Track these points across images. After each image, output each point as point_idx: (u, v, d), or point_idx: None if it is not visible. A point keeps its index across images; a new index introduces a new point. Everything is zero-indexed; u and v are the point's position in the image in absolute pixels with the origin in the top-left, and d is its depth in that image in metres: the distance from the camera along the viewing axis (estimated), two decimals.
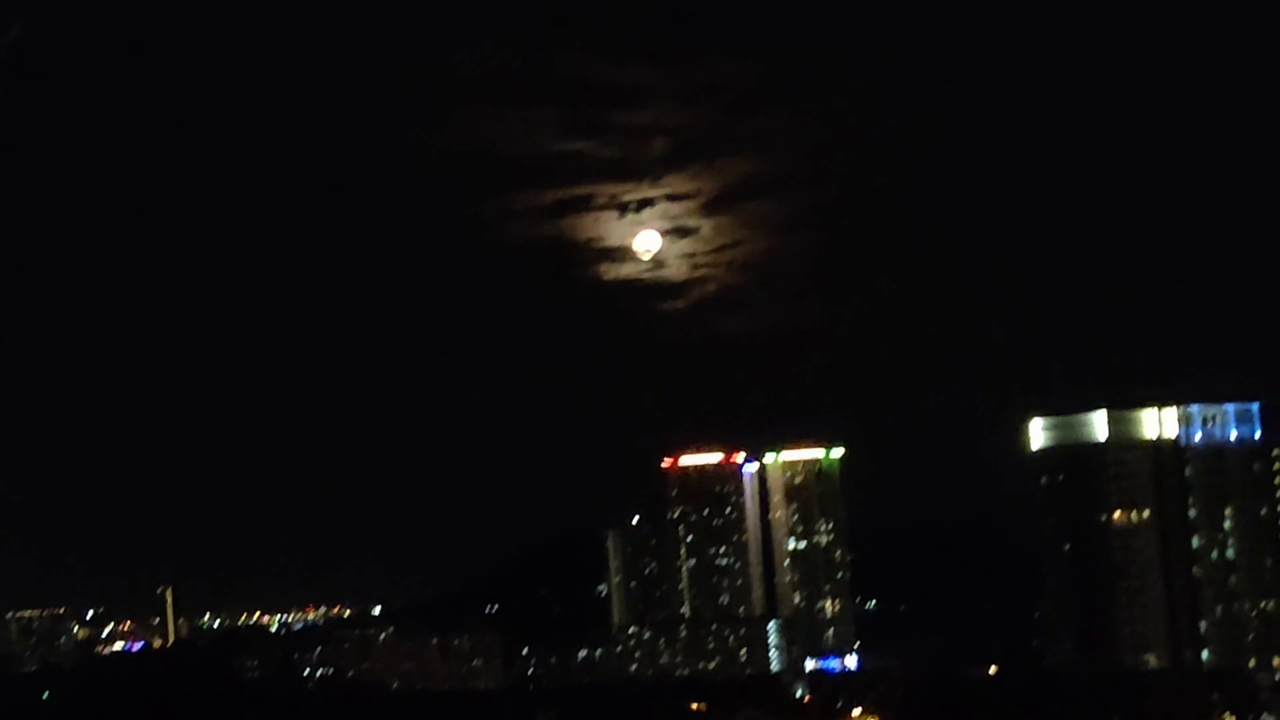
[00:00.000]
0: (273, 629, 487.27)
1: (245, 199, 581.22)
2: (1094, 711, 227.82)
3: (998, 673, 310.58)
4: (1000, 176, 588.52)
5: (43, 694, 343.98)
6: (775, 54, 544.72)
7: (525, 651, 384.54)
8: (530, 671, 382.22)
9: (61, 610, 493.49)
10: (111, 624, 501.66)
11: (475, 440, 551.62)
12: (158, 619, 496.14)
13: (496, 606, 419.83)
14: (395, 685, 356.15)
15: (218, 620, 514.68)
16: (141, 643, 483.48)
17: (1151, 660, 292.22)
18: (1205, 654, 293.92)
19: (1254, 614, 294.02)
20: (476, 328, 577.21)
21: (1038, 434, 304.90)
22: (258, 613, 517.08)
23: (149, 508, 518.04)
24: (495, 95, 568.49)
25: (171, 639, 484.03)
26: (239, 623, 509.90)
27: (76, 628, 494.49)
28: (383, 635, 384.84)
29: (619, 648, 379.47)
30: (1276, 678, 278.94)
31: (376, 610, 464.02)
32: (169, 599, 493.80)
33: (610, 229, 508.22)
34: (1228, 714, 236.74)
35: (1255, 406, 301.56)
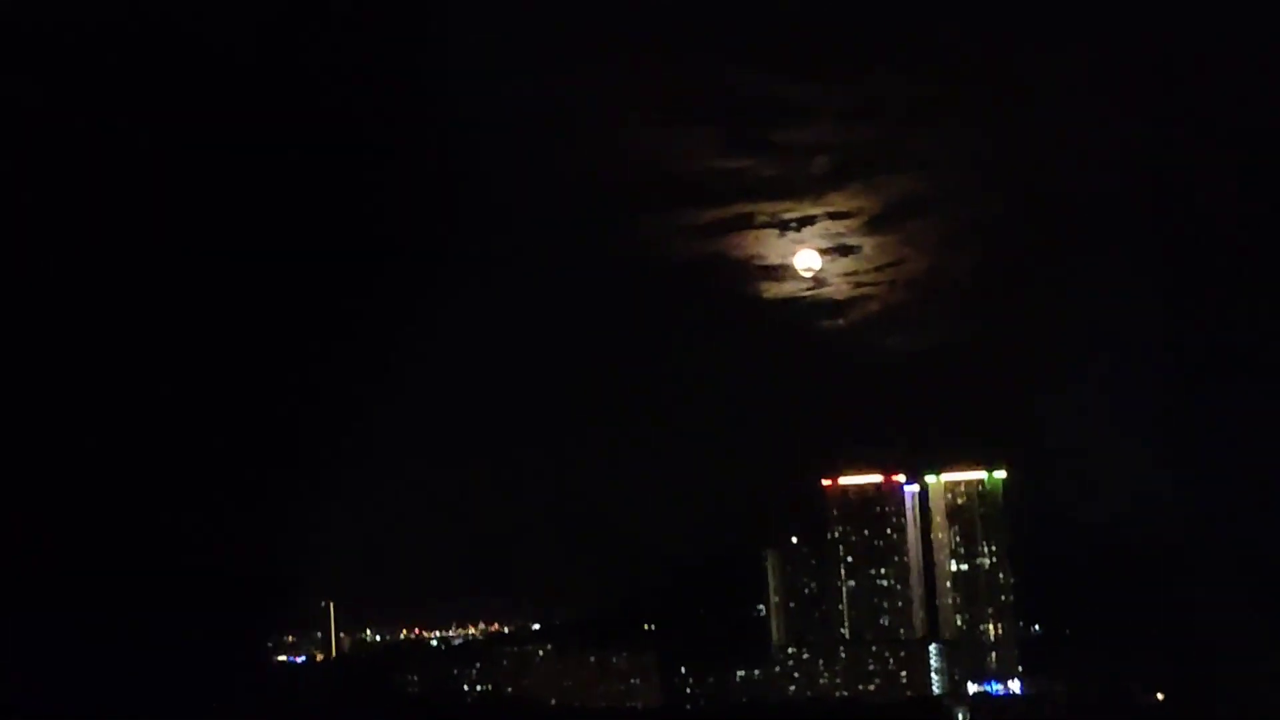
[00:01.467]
0: (432, 644, 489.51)
1: (410, 217, 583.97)
2: None
3: (1165, 698, 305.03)
4: (1166, 194, 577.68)
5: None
6: (936, 69, 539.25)
7: (683, 670, 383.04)
8: (688, 691, 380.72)
9: None
10: (275, 636, 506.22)
11: (634, 458, 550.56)
12: (320, 633, 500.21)
13: (654, 625, 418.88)
14: (553, 702, 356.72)
15: (378, 635, 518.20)
16: (304, 656, 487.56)
17: None
18: None
19: None
20: (636, 345, 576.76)
21: None
22: (417, 629, 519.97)
23: (312, 523, 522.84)
24: (660, 112, 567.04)
25: (334, 652, 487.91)
26: (399, 638, 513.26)
27: None
28: (541, 652, 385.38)
29: (777, 668, 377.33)
30: None
31: (535, 627, 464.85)
32: (331, 613, 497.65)
33: (771, 247, 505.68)
34: None
35: None
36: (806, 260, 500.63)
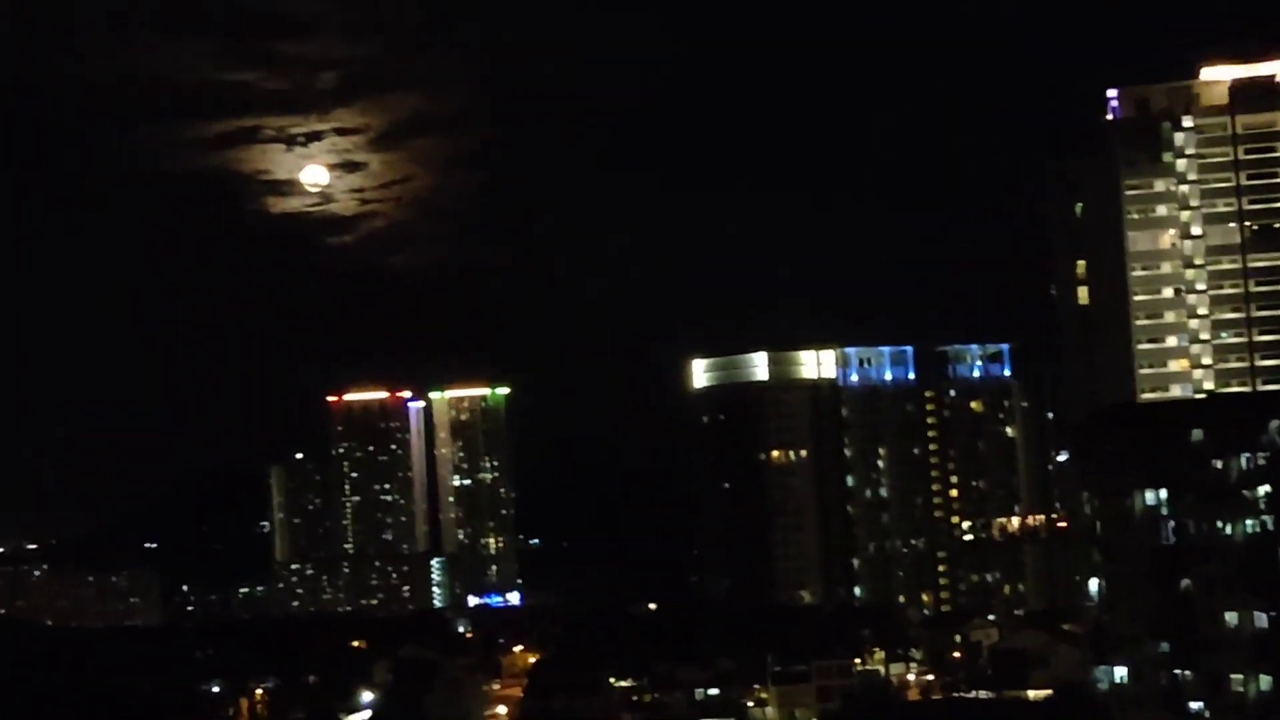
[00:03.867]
0: None
1: None
2: (748, 645, 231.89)
3: (656, 609, 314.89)
4: (667, 123, 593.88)
5: None
6: None
7: (185, 588, 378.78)
8: (189, 609, 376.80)
9: None
10: None
11: (135, 374, 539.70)
12: None
13: (155, 543, 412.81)
14: (49, 622, 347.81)
15: None
16: None
17: (805, 596, 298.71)
18: (858, 590, 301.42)
19: (905, 551, 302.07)
20: (140, 260, 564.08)
21: (700, 375, 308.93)
22: None
23: None
24: (162, 22, 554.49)
25: None
26: None
27: None
28: (36, 573, 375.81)
29: (281, 584, 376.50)
30: (924, 612, 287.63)
31: (31, 547, 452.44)
32: None
33: (278, 162, 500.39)
34: (877, 649, 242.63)
35: (909, 350, 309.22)
36: (313, 176, 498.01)
